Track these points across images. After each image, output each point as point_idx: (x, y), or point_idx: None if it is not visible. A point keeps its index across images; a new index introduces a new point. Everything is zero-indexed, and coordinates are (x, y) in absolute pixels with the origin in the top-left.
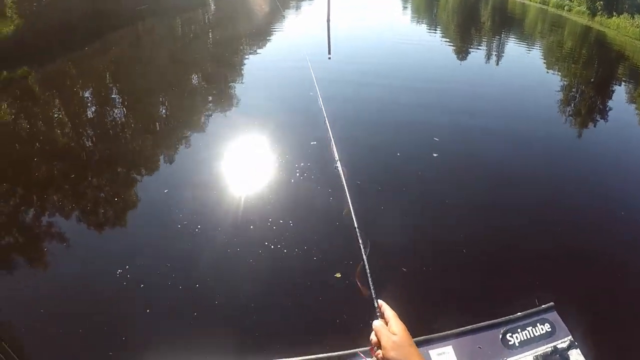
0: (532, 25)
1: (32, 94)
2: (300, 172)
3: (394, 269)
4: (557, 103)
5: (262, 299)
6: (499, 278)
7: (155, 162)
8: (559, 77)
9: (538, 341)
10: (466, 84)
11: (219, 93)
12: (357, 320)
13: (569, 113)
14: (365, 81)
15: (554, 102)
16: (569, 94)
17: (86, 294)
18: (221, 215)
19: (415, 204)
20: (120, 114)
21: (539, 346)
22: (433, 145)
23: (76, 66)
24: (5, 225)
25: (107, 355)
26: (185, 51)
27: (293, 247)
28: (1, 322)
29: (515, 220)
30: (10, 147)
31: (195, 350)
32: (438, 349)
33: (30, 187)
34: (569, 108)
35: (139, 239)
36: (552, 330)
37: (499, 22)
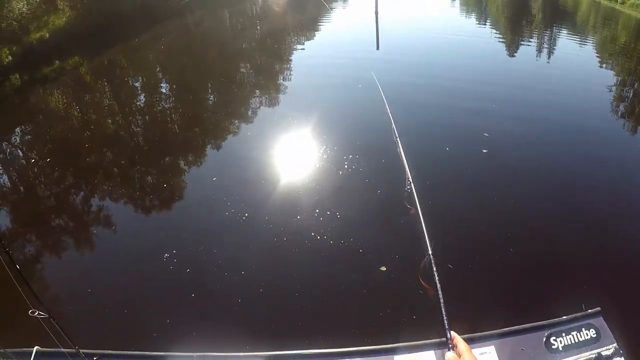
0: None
1: (83, 83)
2: (349, 164)
3: (441, 266)
4: (611, 100)
5: (306, 289)
6: (545, 279)
7: (204, 150)
8: (612, 73)
9: (582, 347)
10: (516, 79)
11: (267, 84)
12: (401, 314)
13: (623, 111)
14: (413, 74)
15: (607, 100)
16: (622, 90)
17: (133, 277)
18: (268, 205)
19: (462, 200)
20: (169, 104)
21: (582, 352)
22: (483, 141)
23: (126, 57)
24: (58, 208)
25: (152, 336)
26: (233, 42)
27: (339, 238)
28: (51, 300)
29: (565, 222)
30: (64, 134)
31: (239, 337)
32: (480, 348)
33: (82, 173)
34: (623, 106)
35: (186, 225)
36: (597, 336)
37: (550, 15)
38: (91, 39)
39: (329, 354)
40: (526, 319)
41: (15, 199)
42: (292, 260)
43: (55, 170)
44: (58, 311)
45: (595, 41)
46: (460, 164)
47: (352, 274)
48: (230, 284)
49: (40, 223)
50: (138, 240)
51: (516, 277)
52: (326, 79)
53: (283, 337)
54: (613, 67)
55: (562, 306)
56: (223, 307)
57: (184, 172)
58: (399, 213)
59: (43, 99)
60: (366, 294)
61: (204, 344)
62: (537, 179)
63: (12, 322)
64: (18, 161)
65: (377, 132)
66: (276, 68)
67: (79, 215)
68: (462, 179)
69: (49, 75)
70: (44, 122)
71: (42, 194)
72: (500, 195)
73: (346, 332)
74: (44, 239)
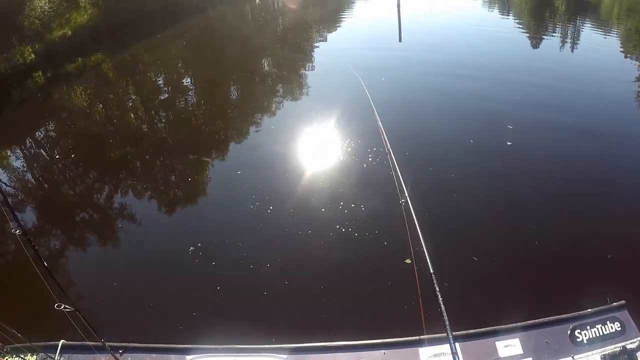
0: (608, 10)
1: (106, 79)
2: (373, 157)
3: (466, 258)
4: (637, 92)
5: (331, 281)
6: (570, 272)
7: (228, 144)
8: (637, 65)
9: (607, 340)
10: (539, 71)
11: (290, 77)
12: (425, 307)
13: None
14: (436, 67)
15: (633, 92)
16: None
17: (159, 270)
18: (293, 198)
19: (486, 192)
20: (193, 98)
21: (607, 345)
22: (507, 134)
23: (149, 52)
24: (83, 203)
25: (178, 329)
26: (255, 37)
27: (364, 230)
28: (77, 294)
29: (590, 216)
30: (88, 130)
31: (264, 330)
32: (504, 340)
33: (107, 168)
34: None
35: (211, 218)
36: (622, 329)
37: (574, 6)
38: (113, 36)
39: (355, 346)
40: (551, 312)
41: (41, 195)
42: (317, 253)
43: (79, 166)
44: (84, 305)
45: (620, 33)
46: (485, 157)
47: (377, 266)
48: (256, 277)
49: (65, 218)
50: (163, 233)
51: (541, 270)
52: (349, 72)
53: (309, 330)
54: (638, 58)
55: (587, 299)
56: (249, 300)
57: (209, 166)
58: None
59: (66, 96)
60: (391, 286)
61: (230, 337)
62: (562, 172)
63: (39, 316)
64: (43, 158)
65: (403, 123)
66: (299, 62)
67: (103, 210)
68: (486, 172)
69: (71, 73)
70: (68, 118)
71: (67, 190)
72: (525, 188)
73: (372, 324)
74: (69, 234)
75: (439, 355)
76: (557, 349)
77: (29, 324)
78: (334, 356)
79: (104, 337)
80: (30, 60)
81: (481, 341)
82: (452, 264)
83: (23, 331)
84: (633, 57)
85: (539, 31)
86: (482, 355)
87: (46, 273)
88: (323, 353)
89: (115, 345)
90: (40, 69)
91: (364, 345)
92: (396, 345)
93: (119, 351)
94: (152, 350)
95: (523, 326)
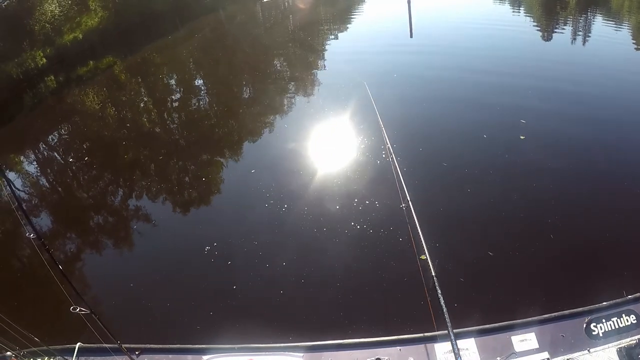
0: (619, 3)
1: (118, 82)
2: (387, 154)
3: (481, 253)
4: None
5: (347, 279)
6: (585, 266)
7: (241, 143)
8: None
9: (622, 333)
10: (551, 64)
11: (302, 76)
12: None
13: None
14: (448, 62)
15: None
16: None
17: (175, 270)
18: (307, 196)
19: (501, 186)
20: (205, 98)
21: (623, 338)
22: (520, 128)
23: (160, 54)
24: (97, 206)
25: (195, 329)
26: (266, 36)
27: (379, 227)
28: (93, 297)
29: (604, 209)
30: (101, 133)
31: (281, 328)
32: (520, 335)
33: (120, 170)
34: None
35: (226, 218)
36: (637, 322)
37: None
38: (124, 38)
39: (370, 343)
40: (566, 305)
41: (55, 198)
42: (332, 251)
43: (93, 168)
44: (100, 307)
45: (631, 26)
46: (498, 151)
47: (392, 262)
48: (272, 275)
49: (79, 221)
50: (179, 234)
51: (556, 264)
52: (361, 69)
53: (325, 327)
54: None
55: (602, 292)
56: (265, 299)
57: (222, 165)
58: (437, 199)
59: (79, 99)
60: (406, 282)
61: (247, 336)
62: (577, 166)
63: (55, 320)
64: (56, 161)
65: (415, 121)
66: (310, 60)
67: (118, 212)
68: (500, 165)
69: (83, 76)
70: (80, 122)
71: (81, 193)
72: (540, 181)
73: (387, 320)
74: (83, 237)
75: None
76: (572, 342)
77: (45, 327)
78: (350, 353)
79: (121, 339)
80: (42, 64)
81: (497, 336)
82: (468, 259)
83: (40, 335)
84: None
85: (550, 25)
86: (498, 349)
87: (61, 276)
88: (339, 350)
89: (132, 347)
90: (52, 73)
91: (380, 342)
92: (412, 342)
93: (136, 353)
94: (168, 351)
95: (538, 320)
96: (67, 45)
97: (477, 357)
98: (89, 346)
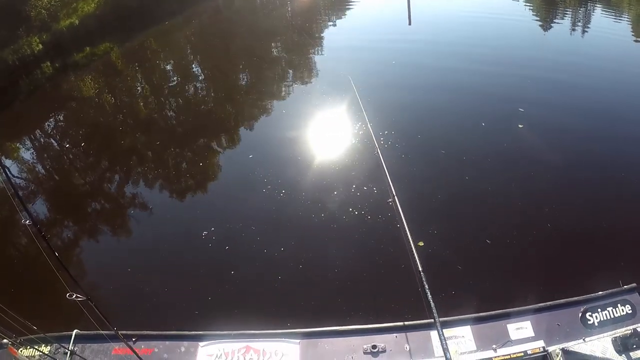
0: None
1: (115, 68)
2: (385, 140)
3: (478, 240)
4: None
5: (345, 265)
6: (581, 255)
7: (239, 129)
8: None
9: (618, 322)
10: (551, 54)
11: (300, 62)
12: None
13: None
14: (446, 51)
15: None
16: None
17: (173, 255)
18: (305, 181)
19: (499, 175)
20: (202, 85)
21: (618, 327)
22: (518, 117)
23: (157, 40)
24: (94, 192)
25: (193, 314)
26: (264, 22)
27: (377, 213)
28: (90, 283)
29: (601, 199)
30: (97, 119)
31: (280, 313)
32: (516, 323)
33: (117, 156)
34: None
35: (224, 203)
36: (632, 312)
37: None
38: (121, 24)
39: (367, 329)
40: (562, 294)
41: (51, 185)
42: (330, 236)
43: (89, 155)
44: (97, 293)
45: (631, 17)
46: (497, 139)
47: (390, 249)
48: (270, 261)
49: (76, 208)
50: (176, 220)
51: (553, 253)
52: (359, 56)
53: (323, 313)
54: None
55: (598, 282)
56: (263, 285)
57: (220, 150)
58: (436, 187)
59: (75, 86)
60: (404, 269)
61: (244, 322)
62: (574, 154)
63: (52, 307)
64: (53, 148)
65: (411, 108)
66: (308, 46)
67: (115, 198)
68: (498, 154)
69: (80, 62)
70: (77, 108)
71: (77, 180)
72: (537, 170)
73: (384, 307)
74: (80, 224)
75: (450, 338)
76: (568, 331)
77: (42, 315)
78: (347, 340)
79: (118, 325)
80: (38, 50)
81: (493, 324)
82: (466, 247)
83: (37, 322)
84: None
85: (549, 15)
86: (494, 337)
87: (57, 263)
88: (336, 337)
89: (129, 333)
90: (49, 60)
91: (376, 329)
92: (408, 329)
93: (132, 339)
94: (165, 337)
95: (534, 309)
96: (63, 31)
97: (473, 344)
98: (85, 333)
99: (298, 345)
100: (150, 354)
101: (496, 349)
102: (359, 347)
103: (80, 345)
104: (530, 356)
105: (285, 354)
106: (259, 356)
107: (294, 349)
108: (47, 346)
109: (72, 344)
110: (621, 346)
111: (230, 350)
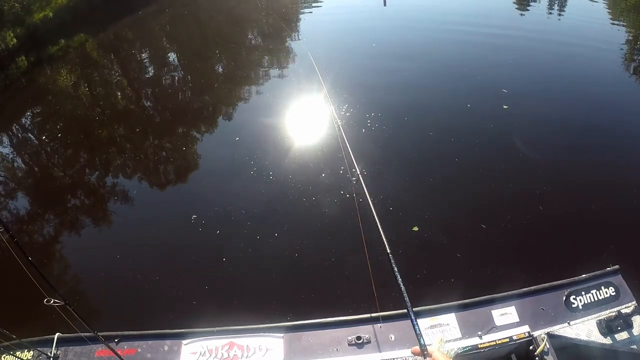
0: None
1: (91, 59)
2: (372, 122)
3: (476, 226)
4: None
5: (341, 252)
6: (565, 239)
7: (223, 113)
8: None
9: (602, 305)
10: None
11: (277, 47)
12: (438, 276)
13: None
14: (423, 29)
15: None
16: (634, 47)
17: (162, 241)
18: (293, 164)
19: (485, 157)
20: (180, 73)
21: (602, 310)
22: (502, 98)
23: (132, 30)
24: (72, 188)
25: (173, 313)
26: (239, 7)
27: (371, 196)
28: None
29: (584, 181)
30: (74, 112)
31: (273, 300)
32: (501, 309)
33: (96, 149)
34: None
35: (212, 186)
36: (616, 294)
37: None
38: (95, 14)
39: (351, 321)
40: (546, 279)
41: (23, 184)
42: (322, 220)
43: (67, 147)
44: (76, 297)
45: None
46: (481, 120)
47: (384, 233)
48: (262, 246)
49: (52, 205)
50: (163, 206)
51: (536, 237)
52: (338, 38)
53: (319, 300)
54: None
55: (582, 265)
56: (257, 272)
57: (206, 133)
58: (428, 170)
59: (51, 79)
60: (401, 255)
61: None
62: (558, 138)
63: (32, 313)
64: (29, 145)
65: (393, 89)
66: (285, 31)
67: (93, 194)
68: (484, 135)
69: (55, 55)
70: (54, 101)
71: (51, 177)
72: (523, 154)
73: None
74: (57, 219)
75: (435, 326)
76: (552, 315)
77: (21, 322)
78: (331, 332)
79: (99, 327)
80: (13, 45)
81: (477, 310)
82: (451, 233)
83: (15, 329)
84: (620, 21)
85: None
86: (479, 324)
87: (33, 269)
88: (320, 329)
89: (110, 334)
90: (23, 53)
91: (360, 320)
92: (392, 318)
93: (115, 340)
94: (147, 337)
95: (518, 294)
96: (37, 24)
97: (458, 331)
98: (67, 336)
99: (282, 339)
100: (133, 355)
101: (481, 335)
102: (343, 339)
103: (63, 349)
104: (516, 341)
105: (269, 349)
106: (243, 352)
107: (278, 343)
108: (30, 351)
109: (55, 348)
110: (606, 328)
111: (213, 347)
